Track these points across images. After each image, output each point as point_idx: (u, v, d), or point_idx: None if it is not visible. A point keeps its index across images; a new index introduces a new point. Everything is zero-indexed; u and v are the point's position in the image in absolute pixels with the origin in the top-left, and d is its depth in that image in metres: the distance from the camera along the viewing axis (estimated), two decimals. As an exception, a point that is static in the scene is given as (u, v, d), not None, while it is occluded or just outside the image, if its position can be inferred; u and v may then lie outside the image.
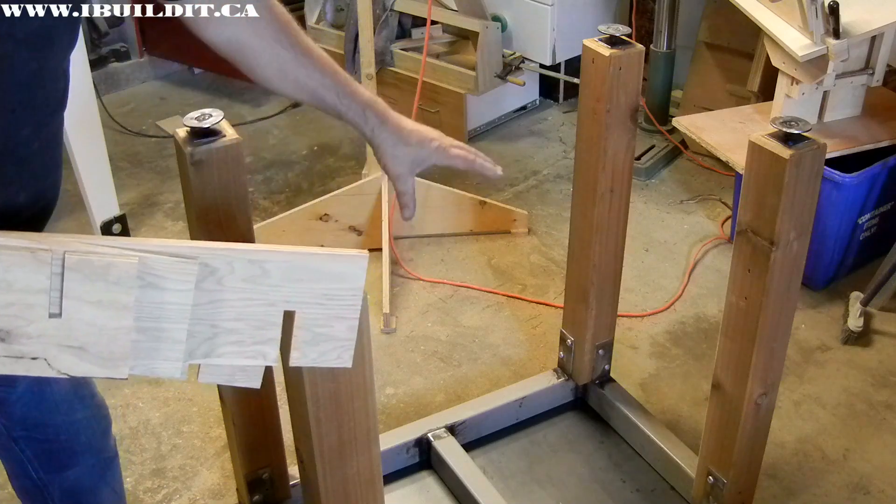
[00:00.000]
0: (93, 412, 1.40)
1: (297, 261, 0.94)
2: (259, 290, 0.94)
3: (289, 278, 0.94)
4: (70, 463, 1.41)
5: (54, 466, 1.40)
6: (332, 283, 0.95)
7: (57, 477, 1.41)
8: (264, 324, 0.96)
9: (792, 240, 1.45)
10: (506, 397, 2.05)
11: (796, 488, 1.97)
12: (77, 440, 1.39)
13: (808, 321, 2.45)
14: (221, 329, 0.95)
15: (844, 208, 2.43)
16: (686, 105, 3.26)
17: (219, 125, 1.37)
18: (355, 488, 1.25)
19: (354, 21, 2.91)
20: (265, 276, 0.93)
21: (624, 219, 1.85)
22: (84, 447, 1.41)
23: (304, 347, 0.98)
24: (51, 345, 0.90)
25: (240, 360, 0.97)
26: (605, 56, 1.66)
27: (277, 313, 0.96)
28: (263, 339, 0.97)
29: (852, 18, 2.23)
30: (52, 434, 1.35)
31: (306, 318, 0.97)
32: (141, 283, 0.90)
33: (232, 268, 0.93)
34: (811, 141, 1.40)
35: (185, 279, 0.91)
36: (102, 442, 1.46)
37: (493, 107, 3.43)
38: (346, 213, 2.71)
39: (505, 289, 2.60)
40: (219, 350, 0.96)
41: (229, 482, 1.97)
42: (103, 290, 0.89)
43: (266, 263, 0.93)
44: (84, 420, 1.38)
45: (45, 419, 1.32)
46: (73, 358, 0.90)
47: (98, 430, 1.43)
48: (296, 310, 0.96)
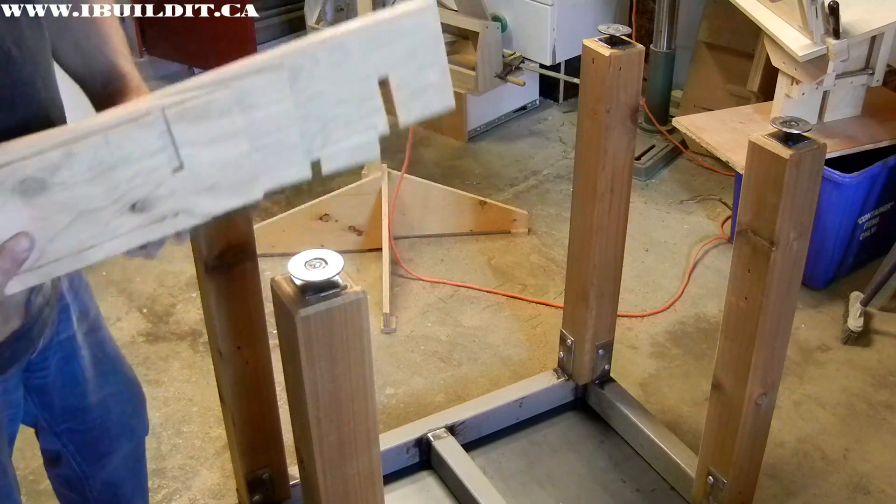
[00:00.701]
0: (120, 388, 1.42)
1: (373, 31, 0.97)
2: (349, 70, 0.98)
3: (371, 49, 0.98)
4: (108, 449, 1.43)
5: (94, 455, 1.42)
6: (409, 38, 0.99)
7: (97, 468, 1.44)
8: (364, 97, 1.00)
9: (792, 240, 1.45)
10: (506, 397, 2.05)
11: (796, 488, 1.97)
12: (109, 419, 1.40)
13: (808, 321, 2.45)
14: (329, 117, 0.99)
15: (844, 208, 2.43)
16: (686, 105, 3.26)
17: (219, 125, 1.37)
18: (355, 488, 1.25)
19: (354, 21, 2.91)
20: (348, 55, 0.96)
21: (624, 219, 1.85)
22: (117, 428, 1.43)
23: (407, 105, 1.02)
24: (185, 196, 0.94)
25: (355, 138, 1.01)
26: (605, 56, 1.66)
27: (372, 84, 0.99)
28: (369, 111, 1.00)
29: (852, 18, 2.23)
30: (89, 420, 1.37)
31: (400, 78, 1.00)
32: (242, 107, 0.94)
33: (316, 60, 0.95)
34: (811, 141, 1.40)
35: (280, 89, 0.94)
36: (135, 421, 1.48)
37: (493, 107, 3.43)
38: (346, 213, 2.71)
39: (505, 289, 2.60)
40: (333, 137, 1.00)
41: (229, 482, 1.97)
42: (212, 128, 0.93)
43: (346, 45, 0.96)
44: (113, 396, 1.39)
45: (80, 402, 1.34)
46: (209, 199, 0.94)
47: (129, 408, 1.45)
48: (388, 73, 0.99)
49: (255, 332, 1.57)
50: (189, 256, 1.54)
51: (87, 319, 1.31)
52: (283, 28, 4.16)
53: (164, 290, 2.59)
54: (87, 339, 1.31)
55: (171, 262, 2.70)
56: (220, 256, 1.47)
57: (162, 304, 2.54)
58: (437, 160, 3.24)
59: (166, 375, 2.29)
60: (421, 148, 3.30)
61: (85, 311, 1.30)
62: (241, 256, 1.48)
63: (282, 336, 1.14)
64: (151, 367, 2.31)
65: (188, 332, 2.43)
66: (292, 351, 1.12)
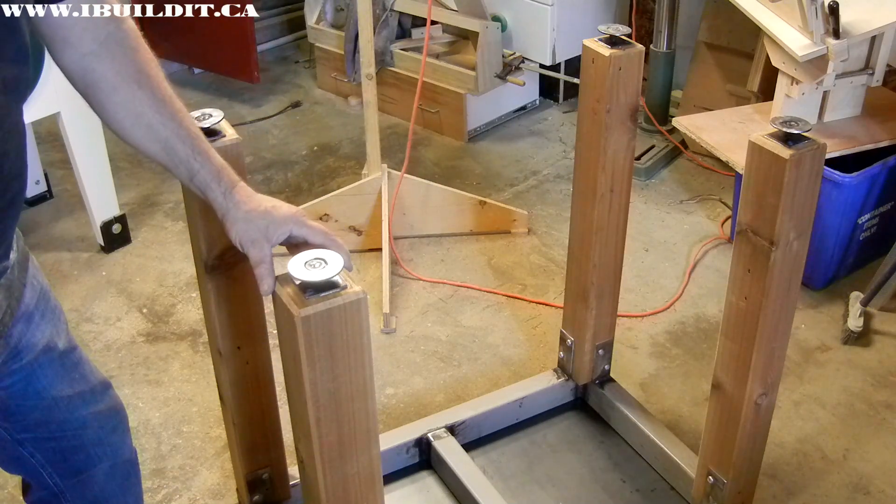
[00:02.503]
0: (99, 408, 1.36)
1: None
2: None
3: None
4: (86, 464, 1.38)
5: (70, 469, 1.36)
6: None
7: (75, 482, 1.38)
8: None
9: (792, 240, 1.45)
10: (506, 397, 2.05)
11: (796, 488, 1.97)
12: (85, 435, 1.35)
13: (808, 321, 2.45)
14: None
15: (844, 208, 2.43)
16: (686, 105, 3.26)
17: (219, 125, 1.37)
18: (355, 488, 1.25)
19: (354, 21, 2.91)
20: None
21: (624, 219, 1.85)
22: (95, 443, 1.37)
23: None
24: None
25: None
26: (605, 56, 1.66)
27: None
28: None
29: (852, 18, 2.23)
30: (56, 431, 1.31)
31: None
32: None
33: None
34: (811, 141, 1.40)
35: None
36: (116, 439, 1.42)
37: (493, 107, 3.43)
38: (346, 213, 2.71)
39: (505, 289, 2.60)
40: None
41: (229, 482, 1.97)
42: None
43: None
44: (90, 416, 1.35)
45: (45, 416, 1.29)
46: None
47: (108, 427, 1.39)
48: None
49: (255, 332, 1.57)
50: (189, 256, 1.54)
51: (56, 346, 1.26)
52: (283, 28, 4.17)
53: (164, 290, 2.59)
54: (55, 363, 1.27)
55: (171, 262, 2.70)
56: (220, 256, 1.47)
57: (162, 304, 2.54)
58: (437, 160, 3.24)
59: (166, 375, 2.29)
60: (421, 148, 3.30)
61: (50, 341, 1.25)
62: (241, 256, 1.47)
63: (282, 336, 1.14)
64: (151, 367, 2.31)
65: (188, 332, 2.43)
66: (292, 351, 1.11)
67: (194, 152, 1.16)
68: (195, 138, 1.17)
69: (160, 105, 1.15)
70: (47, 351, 1.25)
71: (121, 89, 1.13)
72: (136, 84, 1.14)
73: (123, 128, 1.15)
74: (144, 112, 1.14)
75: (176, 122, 1.15)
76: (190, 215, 1.46)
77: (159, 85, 1.15)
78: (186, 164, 1.16)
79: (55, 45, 1.12)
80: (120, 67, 1.13)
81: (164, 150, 1.16)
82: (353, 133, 3.42)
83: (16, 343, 1.19)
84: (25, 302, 1.19)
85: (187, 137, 1.16)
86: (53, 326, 1.26)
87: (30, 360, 1.22)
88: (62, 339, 1.28)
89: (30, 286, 1.20)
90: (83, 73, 1.13)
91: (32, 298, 1.21)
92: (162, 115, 1.15)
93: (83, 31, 1.11)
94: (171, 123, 1.15)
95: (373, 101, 2.56)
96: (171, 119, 1.15)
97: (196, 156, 1.16)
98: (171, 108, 1.16)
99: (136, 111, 1.14)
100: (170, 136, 1.15)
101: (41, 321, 1.23)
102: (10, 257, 1.13)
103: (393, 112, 3.50)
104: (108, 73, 1.12)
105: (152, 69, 1.16)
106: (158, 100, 1.15)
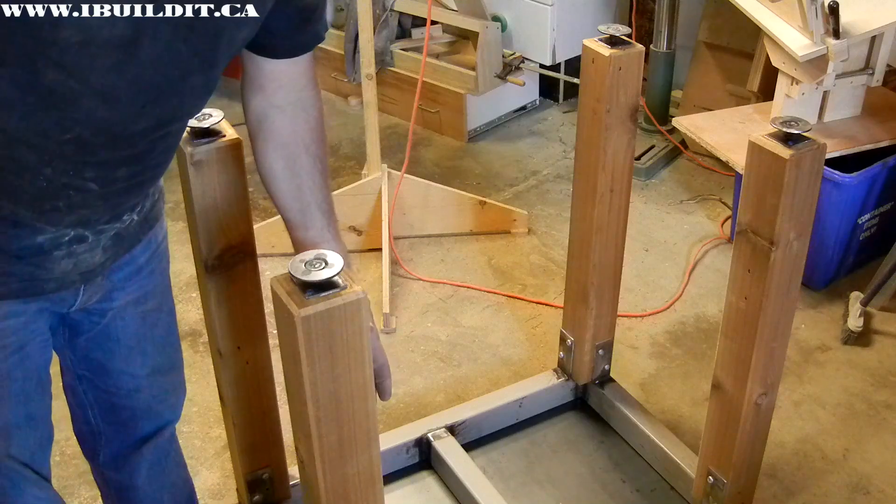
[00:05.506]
0: (158, 380, 1.43)
1: None
2: None
3: None
4: (129, 422, 1.44)
5: (113, 419, 1.43)
6: None
7: (113, 429, 1.44)
8: None
9: (792, 240, 1.45)
10: (506, 397, 2.05)
11: (796, 488, 1.97)
12: (137, 397, 1.41)
13: (808, 321, 2.45)
14: None
15: (844, 208, 2.43)
16: (686, 105, 3.26)
17: (219, 125, 1.37)
18: (355, 488, 1.25)
19: (354, 21, 2.91)
20: None
21: (624, 219, 1.85)
22: (144, 409, 1.44)
23: None
24: None
25: None
26: (605, 56, 1.66)
27: None
28: None
29: (852, 18, 2.23)
30: (111, 385, 1.38)
31: None
32: None
33: None
34: (811, 141, 1.40)
35: None
36: (165, 411, 1.48)
37: (493, 107, 3.43)
38: (346, 213, 2.71)
39: (505, 289, 2.61)
40: None
41: (229, 482, 1.97)
42: None
43: None
44: (146, 382, 1.41)
45: (106, 363, 1.36)
46: None
47: (160, 398, 1.46)
48: None
49: (255, 332, 1.57)
50: (189, 256, 1.54)
51: (145, 302, 1.35)
52: (283, 28, 4.16)
53: (164, 290, 2.59)
54: (140, 316, 1.34)
55: (171, 262, 2.69)
56: (220, 256, 1.47)
57: (162, 304, 2.54)
58: (437, 160, 3.24)
59: (166, 375, 2.29)
60: (421, 148, 3.30)
61: (144, 296, 1.34)
62: (241, 256, 1.48)
63: (282, 336, 1.14)
64: (151, 367, 2.31)
65: (188, 332, 2.43)
66: (292, 351, 1.11)
67: (328, 223, 1.28)
68: (332, 214, 1.29)
69: (316, 175, 1.26)
70: (137, 304, 1.33)
71: (290, 147, 1.23)
72: (304, 149, 1.24)
73: (274, 177, 1.25)
74: (300, 174, 1.24)
75: (323, 194, 1.27)
76: (190, 215, 1.46)
77: (322, 157, 1.26)
78: (319, 233, 1.28)
79: (251, 86, 1.22)
80: (297, 128, 1.23)
81: (301, 212, 1.27)
82: (352, 133, 3.42)
83: (112, 286, 1.29)
84: (135, 254, 1.29)
85: (327, 211, 1.28)
86: (154, 286, 1.36)
87: (120, 305, 1.31)
88: (156, 302, 1.37)
89: (145, 242, 1.31)
90: (262, 118, 1.23)
91: (144, 255, 1.32)
92: (314, 183, 1.26)
93: (279, 88, 1.21)
94: (319, 193, 1.26)
95: (373, 101, 2.56)
96: (320, 190, 1.26)
97: (330, 227, 1.29)
98: (323, 181, 1.27)
99: (293, 170, 1.24)
100: (312, 203, 1.26)
101: (147, 277, 1.33)
102: (134, 215, 1.24)
103: (393, 112, 3.50)
104: (285, 129, 1.23)
105: (322, 141, 1.26)
106: (318, 170, 1.26)
